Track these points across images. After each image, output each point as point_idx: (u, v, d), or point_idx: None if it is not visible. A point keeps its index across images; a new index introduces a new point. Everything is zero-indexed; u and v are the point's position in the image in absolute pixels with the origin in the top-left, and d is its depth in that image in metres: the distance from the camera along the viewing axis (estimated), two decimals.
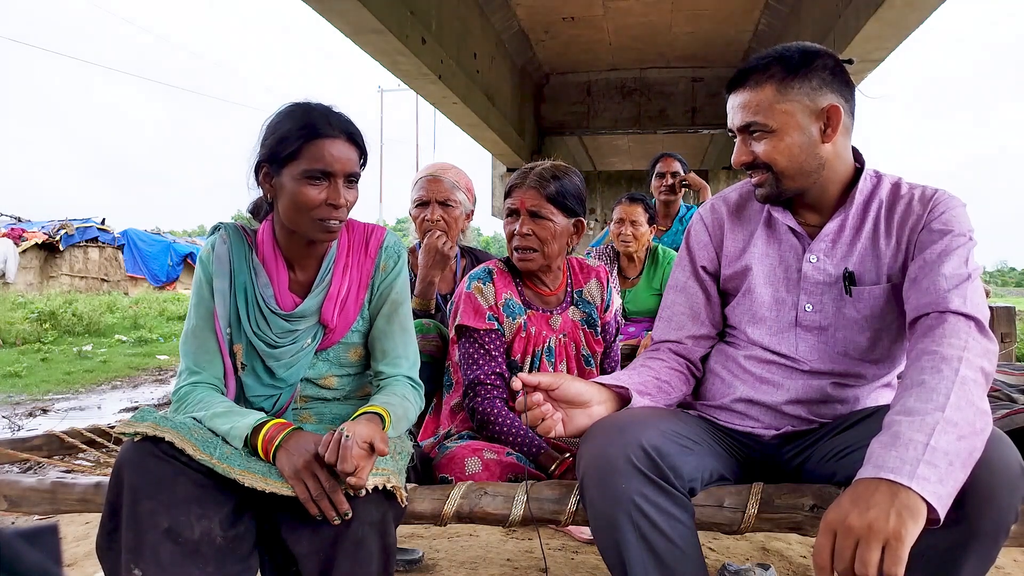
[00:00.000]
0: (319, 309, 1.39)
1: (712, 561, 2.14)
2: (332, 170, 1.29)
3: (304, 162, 1.28)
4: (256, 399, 1.39)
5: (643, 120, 8.93)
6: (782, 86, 1.22)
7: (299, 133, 1.28)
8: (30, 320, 9.12)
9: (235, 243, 1.39)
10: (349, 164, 1.31)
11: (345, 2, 4.14)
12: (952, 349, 1.08)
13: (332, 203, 1.30)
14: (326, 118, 1.31)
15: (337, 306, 1.40)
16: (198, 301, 1.37)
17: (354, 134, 1.34)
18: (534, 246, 1.66)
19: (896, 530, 0.88)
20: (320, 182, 1.29)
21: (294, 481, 1.14)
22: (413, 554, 2.13)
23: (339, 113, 1.34)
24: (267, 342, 1.37)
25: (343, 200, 1.31)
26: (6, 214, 15.84)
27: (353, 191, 1.35)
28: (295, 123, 1.30)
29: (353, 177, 1.34)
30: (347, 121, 1.34)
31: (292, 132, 1.29)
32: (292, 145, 1.28)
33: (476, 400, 1.63)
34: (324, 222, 1.31)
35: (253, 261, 1.38)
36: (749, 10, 6.86)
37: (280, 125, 1.32)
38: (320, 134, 1.29)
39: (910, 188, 1.29)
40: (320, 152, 1.28)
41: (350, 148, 1.32)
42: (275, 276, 1.38)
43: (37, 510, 1.41)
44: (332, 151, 1.29)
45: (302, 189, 1.29)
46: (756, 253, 1.36)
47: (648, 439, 1.13)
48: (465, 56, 6.29)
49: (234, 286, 1.37)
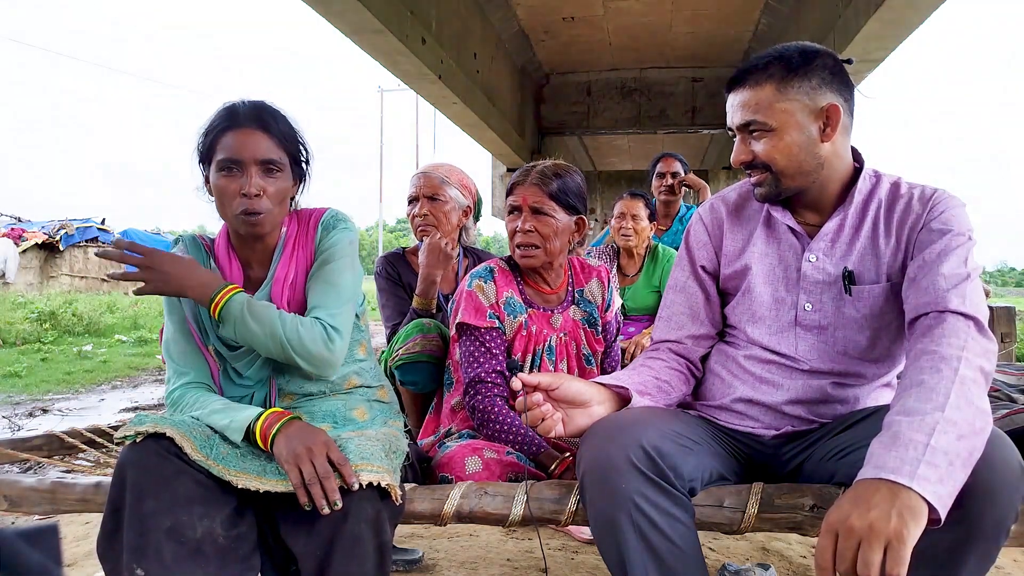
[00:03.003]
0: (270, 298, 1.40)
1: (712, 561, 2.14)
2: (241, 158, 1.32)
3: (218, 154, 1.33)
4: (233, 399, 1.39)
5: (643, 120, 8.92)
6: (782, 85, 1.22)
7: (214, 128, 1.34)
8: (30, 320, 9.12)
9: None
10: (259, 151, 1.33)
11: (345, 2, 4.13)
12: (951, 349, 1.08)
13: (244, 192, 1.32)
14: (236, 110, 1.35)
15: (286, 289, 1.40)
16: (170, 309, 1.40)
17: (266, 123, 1.35)
18: (536, 243, 1.66)
19: (897, 531, 0.88)
20: (233, 172, 1.32)
21: (289, 466, 1.15)
22: (413, 554, 2.13)
23: (254, 103, 1.37)
24: (226, 343, 1.39)
25: (253, 189, 1.32)
26: (6, 214, 15.85)
27: (273, 180, 1.35)
28: (213, 120, 1.35)
29: (271, 165, 1.34)
30: (261, 110, 1.36)
31: (210, 127, 1.35)
32: (210, 139, 1.34)
33: (476, 398, 1.63)
34: (243, 214, 1.32)
35: (211, 266, 1.42)
36: (749, 10, 6.85)
37: (205, 124, 1.37)
38: (230, 126, 1.33)
39: (909, 187, 1.29)
40: (229, 142, 1.32)
41: (261, 136, 1.34)
42: (230, 277, 1.41)
43: (37, 510, 1.41)
44: (240, 140, 1.32)
45: (219, 182, 1.33)
46: (755, 252, 1.36)
47: (648, 439, 1.13)
48: (465, 56, 6.29)
49: None
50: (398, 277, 2.13)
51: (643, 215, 2.95)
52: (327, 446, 1.17)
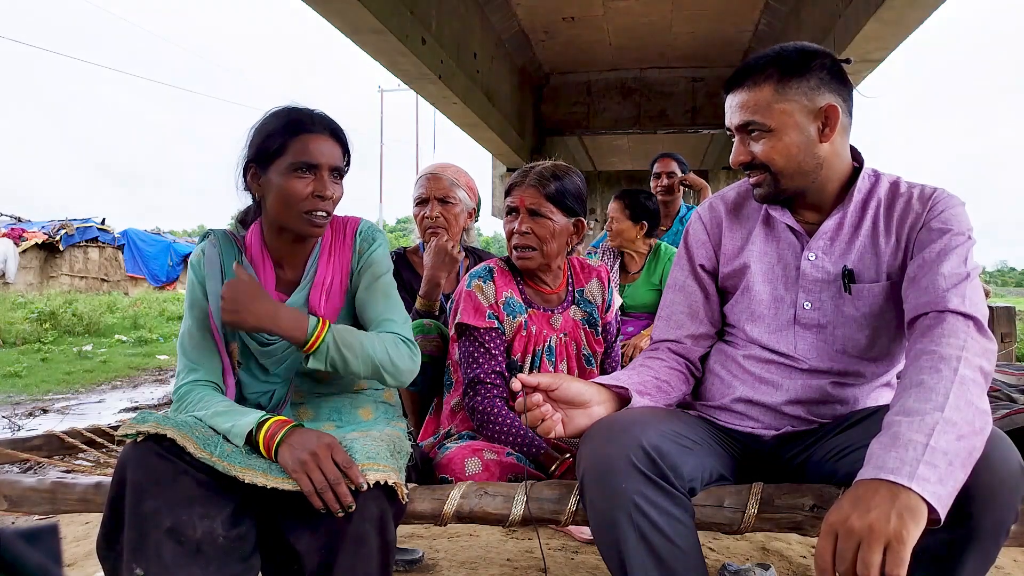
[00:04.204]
0: (306, 302, 1.42)
1: (712, 561, 2.14)
2: (318, 163, 1.35)
3: (290, 156, 1.34)
4: (253, 396, 1.41)
5: (643, 120, 8.92)
6: (780, 86, 1.22)
7: (285, 130, 1.35)
8: (30, 320, 9.13)
9: (224, 247, 1.44)
10: (333, 158, 1.37)
11: (345, 2, 4.13)
12: (951, 349, 1.08)
13: (319, 194, 1.35)
14: (310, 116, 1.38)
15: (323, 294, 1.43)
16: (192, 303, 1.40)
17: (337, 131, 1.40)
18: (532, 244, 1.66)
19: (897, 531, 0.88)
20: (306, 175, 1.34)
21: (298, 475, 1.14)
22: (413, 554, 2.13)
23: (322, 113, 1.41)
24: (259, 340, 1.40)
25: (329, 192, 1.36)
26: (6, 214, 15.84)
27: (338, 187, 1.40)
28: (280, 121, 1.37)
29: (337, 172, 1.39)
30: (330, 119, 1.41)
31: (278, 129, 1.36)
32: (278, 141, 1.35)
33: (476, 399, 1.63)
34: (311, 215, 1.35)
35: (243, 263, 1.42)
36: (749, 10, 6.85)
37: (266, 125, 1.38)
38: (305, 129, 1.35)
39: (909, 187, 1.29)
40: (305, 146, 1.34)
41: (333, 144, 1.38)
42: (263, 275, 1.42)
43: (37, 510, 1.41)
44: (317, 145, 1.35)
45: (290, 183, 1.34)
46: (754, 251, 1.36)
47: (648, 439, 1.13)
48: (465, 56, 6.28)
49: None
50: (399, 277, 2.13)
51: (621, 216, 3.04)
52: (331, 449, 1.17)
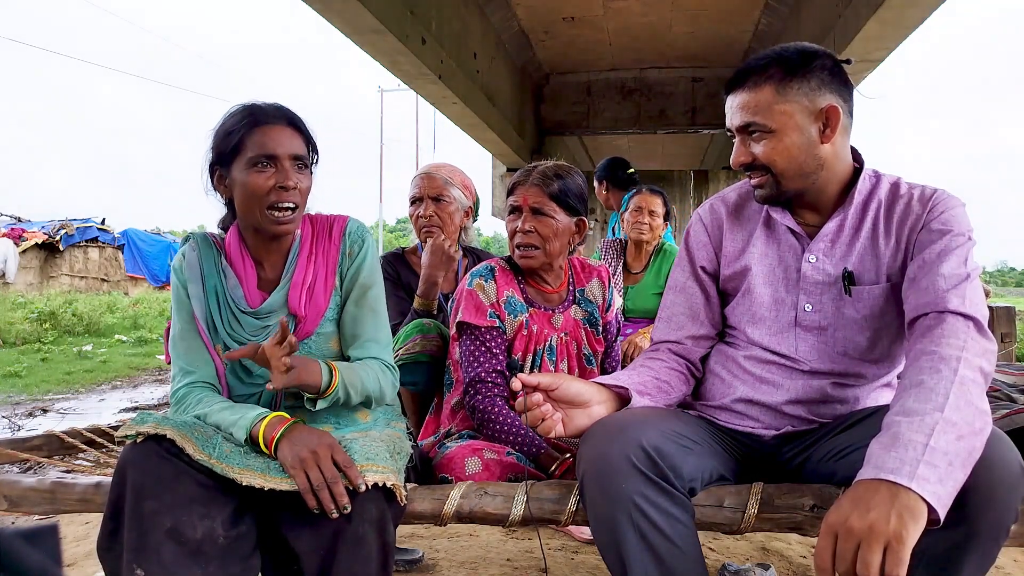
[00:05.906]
0: (286, 302, 1.40)
1: (712, 561, 2.14)
2: (276, 153, 1.32)
3: (248, 151, 1.32)
4: (239, 399, 1.39)
5: (643, 120, 8.91)
6: (781, 86, 1.22)
7: (240, 125, 1.33)
8: (30, 320, 9.13)
9: (204, 249, 1.43)
10: (293, 147, 1.35)
11: (345, 2, 4.13)
12: (951, 349, 1.08)
13: (281, 185, 1.32)
14: (264, 108, 1.36)
15: (304, 294, 1.40)
16: (178, 306, 1.39)
17: (294, 120, 1.37)
18: (536, 243, 1.66)
19: (897, 531, 0.88)
20: (267, 168, 1.32)
21: (295, 471, 1.14)
22: (413, 554, 2.13)
23: (278, 104, 1.39)
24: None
25: (292, 182, 1.33)
26: (6, 214, 15.83)
27: (304, 176, 1.37)
28: (236, 119, 1.35)
29: (301, 161, 1.36)
30: (286, 109, 1.39)
31: (234, 126, 1.34)
32: (235, 137, 1.33)
33: (476, 398, 1.63)
34: (275, 209, 1.33)
35: (222, 264, 1.41)
36: (749, 10, 6.85)
37: (224, 124, 1.37)
38: (260, 122, 1.33)
39: (909, 188, 1.29)
40: (262, 138, 1.32)
41: (292, 132, 1.36)
42: (243, 276, 1.41)
43: (37, 510, 1.41)
44: (273, 135, 1.33)
45: (250, 178, 1.32)
46: (755, 253, 1.36)
47: (648, 439, 1.13)
48: (465, 56, 6.28)
49: (206, 290, 1.39)
50: (397, 277, 2.13)
51: (660, 212, 2.93)
52: (332, 449, 1.17)
